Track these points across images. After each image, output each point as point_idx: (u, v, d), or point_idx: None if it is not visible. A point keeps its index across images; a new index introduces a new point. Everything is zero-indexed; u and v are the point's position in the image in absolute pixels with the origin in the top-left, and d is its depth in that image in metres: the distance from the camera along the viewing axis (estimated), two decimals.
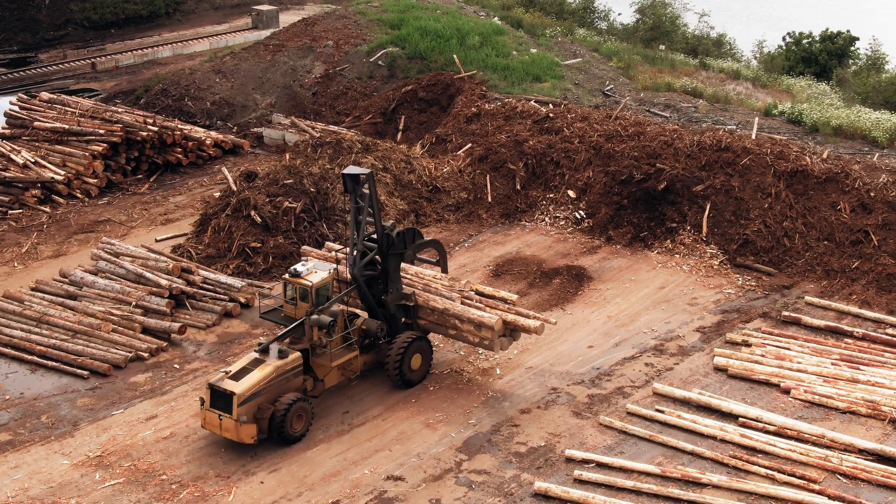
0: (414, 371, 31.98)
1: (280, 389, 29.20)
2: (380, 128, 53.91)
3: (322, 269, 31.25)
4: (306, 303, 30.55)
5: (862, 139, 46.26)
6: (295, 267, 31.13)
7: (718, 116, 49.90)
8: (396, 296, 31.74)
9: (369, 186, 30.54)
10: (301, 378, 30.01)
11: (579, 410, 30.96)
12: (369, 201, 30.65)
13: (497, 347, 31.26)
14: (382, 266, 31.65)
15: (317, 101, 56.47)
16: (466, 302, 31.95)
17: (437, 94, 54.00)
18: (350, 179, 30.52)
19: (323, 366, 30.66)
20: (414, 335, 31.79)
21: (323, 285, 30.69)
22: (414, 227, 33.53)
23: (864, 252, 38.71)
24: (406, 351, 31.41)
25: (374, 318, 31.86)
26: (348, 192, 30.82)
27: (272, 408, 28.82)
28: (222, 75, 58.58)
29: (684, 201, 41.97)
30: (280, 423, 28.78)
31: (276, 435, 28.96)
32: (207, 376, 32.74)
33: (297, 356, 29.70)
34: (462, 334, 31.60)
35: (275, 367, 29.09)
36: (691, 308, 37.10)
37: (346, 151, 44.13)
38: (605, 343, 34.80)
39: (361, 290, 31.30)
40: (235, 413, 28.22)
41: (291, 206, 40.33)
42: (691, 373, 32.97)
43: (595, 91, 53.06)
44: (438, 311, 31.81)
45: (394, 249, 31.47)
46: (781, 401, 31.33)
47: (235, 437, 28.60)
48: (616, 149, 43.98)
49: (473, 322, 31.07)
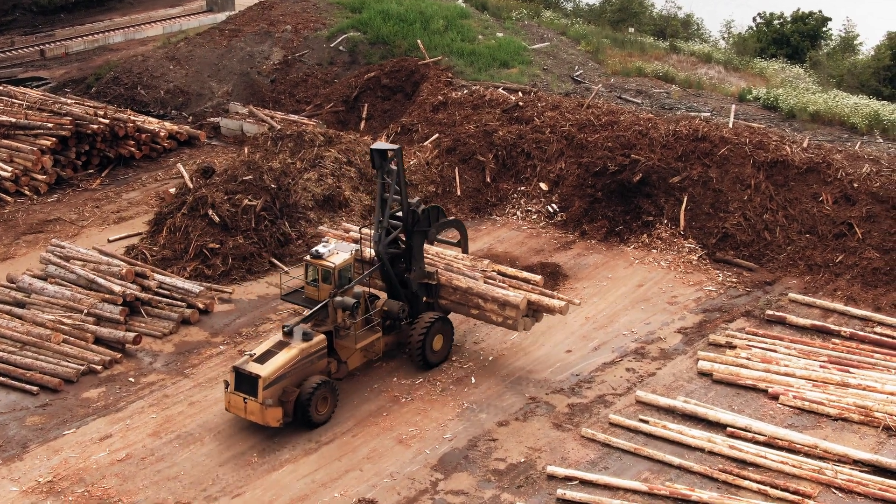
0: (435, 352, 31.61)
1: (305, 372, 28.81)
2: (342, 116, 52.03)
3: (344, 250, 30.87)
4: (329, 284, 30.21)
5: (840, 125, 45.00)
6: (317, 248, 30.73)
7: (692, 102, 48.45)
8: (419, 274, 31.42)
9: (397, 162, 30.36)
10: (325, 360, 29.65)
11: (560, 422, 29.38)
12: (396, 177, 30.37)
13: (521, 327, 31.06)
14: (406, 244, 31.35)
15: (275, 89, 54.41)
16: (490, 281, 31.70)
17: (402, 80, 52.18)
18: (378, 155, 30.30)
19: (347, 348, 30.32)
20: (436, 316, 31.41)
21: (345, 266, 30.41)
22: (438, 206, 32.98)
23: (848, 245, 37.39)
24: (428, 332, 31.04)
25: (395, 299, 31.58)
26: (375, 168, 30.55)
27: (297, 391, 28.44)
28: (176, 62, 56.34)
29: (660, 194, 40.46)
30: (305, 407, 28.38)
31: (302, 418, 28.54)
32: (165, 390, 30.96)
33: (321, 338, 29.31)
34: (485, 314, 31.31)
35: (300, 350, 28.68)
36: (671, 307, 35.61)
37: (308, 145, 42.19)
38: (583, 347, 33.24)
39: (385, 268, 30.96)
40: (261, 396, 27.80)
41: (251, 203, 38.37)
42: (675, 378, 31.50)
43: (564, 77, 51.40)
44: (461, 291, 31.46)
45: (419, 227, 31.15)
46: (770, 407, 29.94)
47: (261, 421, 28.12)
48: (589, 139, 42.36)
49: (498, 301, 30.79)
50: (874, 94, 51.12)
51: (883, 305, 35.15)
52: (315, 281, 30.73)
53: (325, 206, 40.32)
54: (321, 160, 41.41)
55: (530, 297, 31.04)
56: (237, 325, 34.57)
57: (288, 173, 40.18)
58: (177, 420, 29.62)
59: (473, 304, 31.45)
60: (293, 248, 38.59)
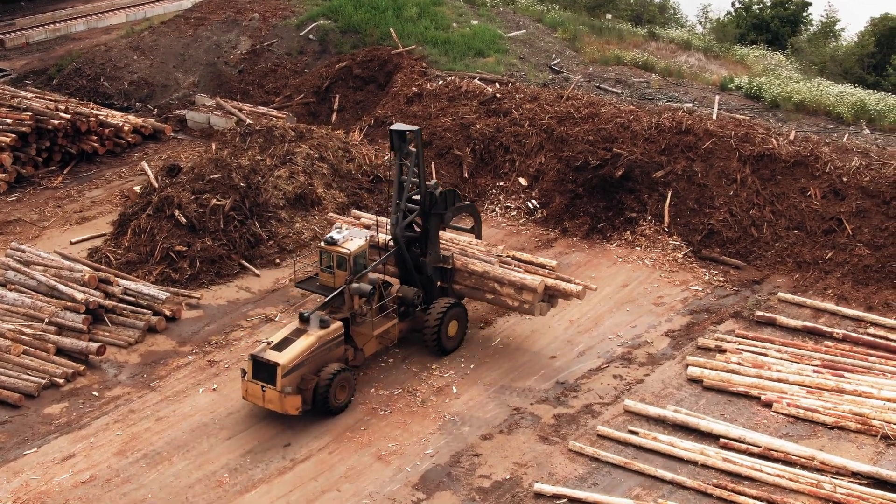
0: (450, 338, 31.37)
1: (323, 359, 28.59)
2: (313, 108, 50.48)
3: (358, 237, 30.50)
4: (344, 271, 29.84)
5: (825, 115, 43.90)
6: (331, 234, 30.34)
7: (672, 92, 47.20)
8: (434, 258, 31.25)
9: (416, 144, 30.17)
10: (343, 348, 29.41)
11: (546, 434, 28.11)
12: (415, 159, 30.18)
13: (537, 311, 30.87)
14: (423, 227, 31.16)
15: (243, 80, 52.69)
16: (505, 266, 31.67)
17: (374, 70, 50.66)
18: (397, 136, 30.08)
19: (363, 334, 30.03)
20: (451, 301, 31.19)
21: (360, 253, 30.05)
22: (454, 189, 32.34)
23: (838, 242, 36.28)
24: (444, 318, 30.77)
25: (408, 284, 31.39)
26: (394, 150, 30.38)
27: (316, 378, 28.18)
28: (140, 52, 54.51)
29: (644, 189, 39.19)
30: (324, 394, 28.16)
31: (321, 406, 28.29)
32: (131, 404, 29.46)
33: (338, 325, 29.05)
34: (500, 298, 31.15)
35: (318, 337, 28.40)
36: (658, 308, 34.39)
37: (279, 140, 40.62)
38: (568, 352, 31.96)
39: (401, 252, 30.76)
40: (279, 384, 27.47)
41: (219, 203, 36.80)
42: (664, 385, 30.29)
43: (542, 66, 49.99)
44: (477, 275, 31.35)
45: (435, 209, 30.88)
46: (763, 416, 28.79)
47: (279, 409, 27.79)
48: (569, 132, 41.01)
49: (515, 285, 30.64)
50: (858, 82, 50.10)
51: (875, 304, 34.09)
52: (330, 268, 30.23)
53: (296, 204, 38.80)
54: (292, 156, 39.86)
55: (547, 282, 30.74)
56: (206, 333, 33.06)
57: (258, 171, 38.60)
58: (143, 437, 28.13)
59: (489, 288, 31.21)
60: (264, 249, 37.11)
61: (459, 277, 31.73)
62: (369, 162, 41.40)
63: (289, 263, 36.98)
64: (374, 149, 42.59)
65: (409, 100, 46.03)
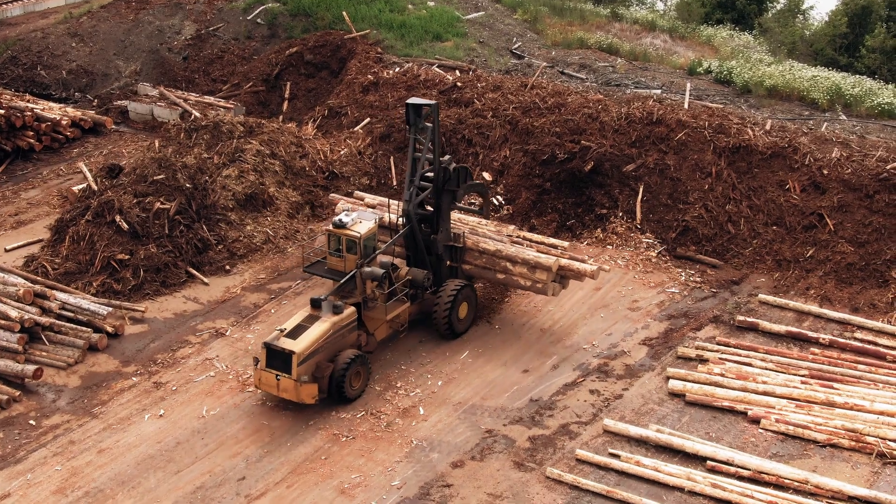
0: (461, 321, 30.75)
1: (337, 346, 27.86)
2: (262, 97, 48.07)
3: (367, 219, 29.85)
4: (354, 255, 29.22)
5: (799, 101, 42.13)
6: (340, 217, 29.56)
7: (639, 77, 45.21)
8: (445, 236, 30.69)
9: (433, 119, 29.68)
10: (356, 333, 28.70)
11: (521, 460, 26.13)
12: (431, 134, 29.64)
13: (550, 291, 30.40)
14: (435, 204, 30.51)
15: (188, 67, 50.03)
16: (517, 245, 31.24)
17: (327, 56, 48.25)
18: (413, 110, 29.69)
19: (375, 319, 29.35)
20: (461, 283, 30.59)
21: (370, 235, 29.43)
22: (466, 167, 31.35)
23: (819, 238, 34.57)
24: (455, 300, 30.13)
25: (417, 265, 30.77)
26: (409, 125, 29.91)
27: (331, 366, 27.49)
28: (79, 39, 51.62)
29: (614, 183, 37.25)
30: (340, 382, 27.46)
31: (336, 394, 27.58)
32: (71, 434, 27.11)
33: (351, 311, 28.33)
34: (512, 278, 30.68)
35: (332, 324, 27.66)
36: (633, 314, 32.51)
37: (227, 136, 38.13)
38: (541, 365, 29.99)
39: (413, 230, 30.09)
40: (295, 373, 26.72)
41: (164, 207, 34.36)
42: (644, 400, 28.42)
43: (502, 50, 47.79)
44: (489, 253, 30.91)
45: (449, 186, 30.21)
46: (751, 433, 27.02)
47: (295, 398, 27.06)
48: (535, 124, 38.89)
49: (528, 263, 30.30)
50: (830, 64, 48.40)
51: (860, 305, 32.48)
52: (339, 251, 29.45)
53: (247, 205, 36.45)
54: (241, 154, 37.43)
55: (561, 261, 30.33)
56: (151, 351, 30.72)
57: (204, 170, 36.14)
58: (85, 473, 25.82)
59: (501, 267, 30.76)
60: (213, 254, 34.76)
61: (470, 257, 31.17)
62: (324, 158, 39.07)
63: (239, 270, 34.74)
64: (329, 142, 40.23)
65: (364, 88, 43.69)
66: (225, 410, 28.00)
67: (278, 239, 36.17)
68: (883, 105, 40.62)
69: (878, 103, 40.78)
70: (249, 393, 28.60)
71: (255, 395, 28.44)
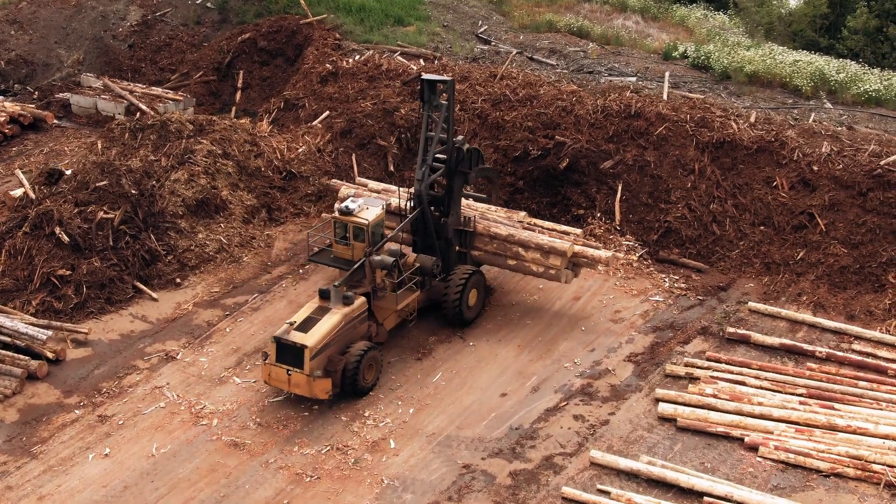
0: (470, 308, 29.79)
1: (348, 338, 26.92)
2: (214, 87, 45.44)
3: (374, 205, 28.71)
4: (361, 242, 28.18)
5: (781, 87, 40.17)
6: (346, 204, 28.42)
7: (613, 62, 43.02)
8: (456, 219, 29.74)
9: (448, 96, 28.67)
10: (367, 324, 27.75)
11: (502, 499, 23.92)
12: (445, 112, 28.54)
13: (563, 278, 29.68)
14: (447, 185, 29.55)
15: (134, 56, 47.19)
16: (530, 230, 30.50)
17: (282, 43, 45.67)
18: (427, 86, 28.65)
19: (385, 309, 28.35)
20: (471, 269, 29.73)
21: (378, 222, 28.38)
22: (477, 148, 30.72)
23: (810, 239, 32.60)
24: (465, 287, 29.15)
25: (425, 251, 29.69)
26: (423, 101, 28.86)
27: (343, 359, 26.51)
28: (18, 26, 48.43)
29: (591, 182, 35.06)
30: (353, 375, 26.51)
31: (349, 388, 26.63)
32: (8, 479, 24.59)
33: (362, 301, 27.37)
34: (524, 264, 29.96)
35: (343, 315, 26.70)
36: (616, 326, 30.37)
37: (175, 136, 35.46)
38: (520, 388, 27.78)
39: (424, 212, 28.99)
40: (308, 367, 25.79)
41: (108, 216, 31.70)
42: (632, 426, 26.30)
43: (468, 34, 45.32)
44: (501, 238, 30.08)
45: (461, 167, 29.34)
46: (749, 462, 25.00)
47: (308, 393, 26.19)
48: (506, 118, 36.54)
49: (542, 248, 29.56)
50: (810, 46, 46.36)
51: (856, 313, 30.59)
52: (345, 238, 28.32)
53: (198, 211, 33.86)
54: (191, 155, 34.75)
55: (575, 247, 29.61)
56: (95, 379, 28.14)
57: (151, 174, 33.49)
58: None
59: (512, 253, 29.98)
60: (162, 266, 32.17)
61: (480, 242, 30.34)
62: (281, 157, 36.46)
63: (191, 283, 32.23)
64: (286, 139, 37.59)
65: (322, 79, 41.06)
66: (177, 447, 25.56)
67: (233, 247, 33.67)
68: (870, 92, 38.75)
69: (864, 90, 38.93)
70: (203, 427, 26.17)
71: (209, 429, 26.03)
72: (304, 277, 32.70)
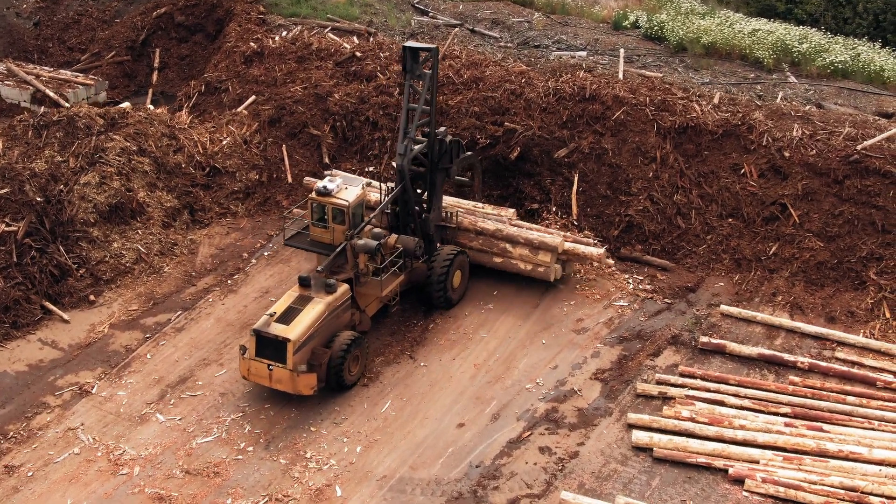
0: (455, 289, 28.63)
1: (332, 329, 25.40)
2: (128, 67, 41.98)
3: (353, 184, 27.21)
4: (341, 225, 26.54)
5: (741, 60, 37.65)
6: (323, 184, 26.81)
7: (560, 34, 40.09)
8: (437, 215, 28.54)
9: (432, 66, 27.21)
10: (350, 313, 26.20)
11: None
12: (429, 82, 26.98)
13: (552, 275, 28.76)
14: (429, 180, 28.08)
15: (40, 35, 43.46)
16: (517, 226, 29.48)
17: (201, 18, 42.26)
18: (410, 54, 27.02)
19: (367, 295, 26.83)
20: (455, 250, 28.49)
21: (359, 203, 26.82)
22: (458, 140, 29.06)
23: (783, 232, 30.19)
24: (450, 268, 28.05)
25: (405, 231, 28.02)
26: (405, 71, 27.25)
27: (328, 352, 24.94)
28: None
29: (545, 172, 32.27)
30: (338, 369, 25.02)
31: (333, 382, 25.13)
32: None
33: (345, 289, 25.87)
34: (511, 261, 29.04)
35: (326, 304, 25.17)
36: (579, 337, 27.74)
37: (84, 132, 31.88)
38: (478, 415, 25.06)
39: (406, 189, 27.39)
40: (291, 362, 24.23)
41: (10, 229, 28.26)
42: (604, 458, 23.75)
43: (404, 5, 42.15)
44: (488, 234, 29.14)
45: (443, 161, 27.94)
46: (734, 498, 22.63)
47: (291, 390, 24.58)
48: (450, 103, 33.51)
49: (532, 244, 28.68)
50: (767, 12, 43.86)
51: (837, 314, 28.30)
52: (323, 220, 26.60)
53: (112, 217, 30.53)
54: (103, 153, 31.27)
55: (566, 244, 28.77)
56: (1, 420, 24.87)
57: (58, 177, 30.04)
58: None
59: (499, 249, 29.07)
60: (73, 282, 28.92)
61: (465, 238, 29.35)
62: (203, 150, 33.13)
63: (106, 299, 29.03)
64: (208, 130, 34.20)
65: (247, 59, 37.58)
66: (94, 503, 22.52)
67: (152, 256, 30.43)
68: (836, 64, 36.29)
69: (830, 62, 36.45)
70: (123, 477, 23.14)
71: (130, 479, 22.99)
72: (233, 290, 29.60)
